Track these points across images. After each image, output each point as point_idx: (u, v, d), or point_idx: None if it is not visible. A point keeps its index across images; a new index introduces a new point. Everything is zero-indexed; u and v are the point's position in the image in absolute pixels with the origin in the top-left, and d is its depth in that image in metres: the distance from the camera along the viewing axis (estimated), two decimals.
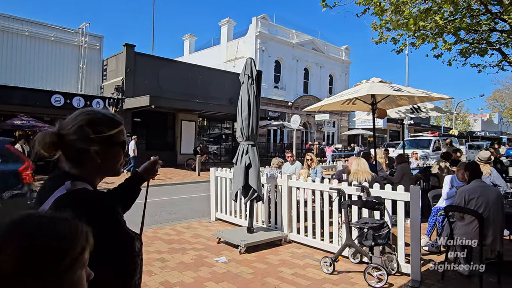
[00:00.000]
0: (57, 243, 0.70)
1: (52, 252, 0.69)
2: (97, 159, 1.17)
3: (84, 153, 1.15)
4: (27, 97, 14.71)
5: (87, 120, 1.17)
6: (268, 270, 4.29)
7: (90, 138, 1.15)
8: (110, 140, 1.20)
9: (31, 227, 0.71)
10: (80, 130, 1.15)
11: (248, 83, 5.31)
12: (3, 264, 0.66)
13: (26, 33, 17.07)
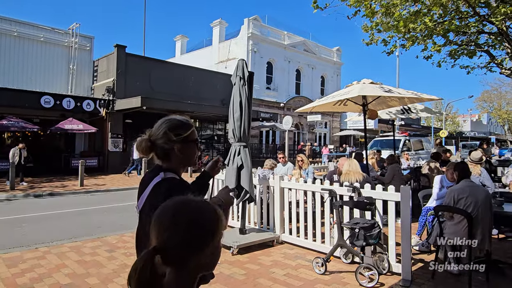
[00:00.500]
0: (210, 222, 0.96)
1: (209, 227, 0.96)
2: (179, 154, 1.59)
3: (170, 151, 1.59)
4: (16, 98, 14.51)
5: (168, 126, 1.59)
6: (260, 271, 4.29)
7: (173, 140, 1.57)
8: (186, 139, 1.61)
9: (193, 207, 0.97)
10: (165, 135, 1.57)
11: (240, 84, 5.31)
12: (173, 236, 0.91)
13: (14, 34, 16.84)
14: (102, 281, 3.97)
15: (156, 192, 1.50)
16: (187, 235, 0.92)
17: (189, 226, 0.93)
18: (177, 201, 0.99)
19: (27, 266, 4.41)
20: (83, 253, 4.95)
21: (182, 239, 0.91)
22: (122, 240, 5.65)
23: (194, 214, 0.95)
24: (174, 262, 0.92)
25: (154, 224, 0.96)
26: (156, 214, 0.97)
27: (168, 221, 0.94)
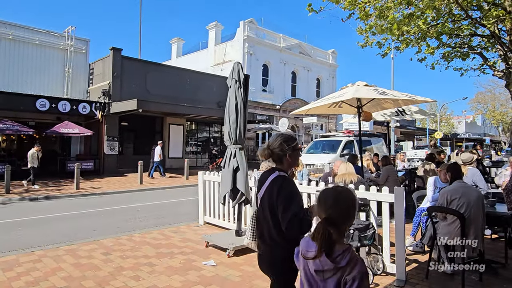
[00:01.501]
0: (354, 200, 1.68)
1: (354, 204, 1.67)
2: (289, 159, 2.36)
3: (283, 157, 2.35)
4: (11, 101, 14.45)
5: (282, 139, 2.36)
6: (256, 273, 4.31)
7: (285, 149, 2.33)
8: (293, 148, 2.36)
9: (345, 192, 1.71)
10: (280, 145, 2.34)
11: (236, 87, 5.35)
12: (336, 211, 1.60)
13: (10, 37, 16.80)
14: (98, 283, 3.97)
15: (273, 184, 2.26)
16: (344, 210, 1.62)
17: (345, 204, 1.64)
18: (335, 189, 1.73)
19: (23, 270, 4.41)
20: (79, 256, 4.95)
21: (341, 212, 1.61)
22: (118, 243, 5.66)
23: (346, 196, 1.67)
24: (336, 225, 1.58)
25: (320, 204, 1.66)
26: (320, 197, 1.69)
27: (331, 201, 1.63)
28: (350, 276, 1.54)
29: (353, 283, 1.53)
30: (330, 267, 1.58)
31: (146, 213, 8.49)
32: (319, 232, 1.56)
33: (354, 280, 1.53)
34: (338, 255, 1.56)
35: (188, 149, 22.10)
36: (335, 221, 1.58)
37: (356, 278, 1.53)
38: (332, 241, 1.56)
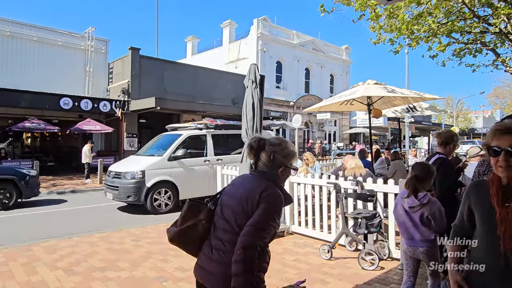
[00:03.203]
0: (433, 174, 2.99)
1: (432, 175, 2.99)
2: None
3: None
4: (37, 100, 15.20)
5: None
6: (272, 257, 4.67)
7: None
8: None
9: (431, 167, 3.05)
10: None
11: (252, 87, 5.76)
12: (420, 173, 2.91)
13: (34, 39, 17.58)
14: (131, 264, 4.47)
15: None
16: (424, 173, 2.90)
17: (426, 170, 2.91)
18: (423, 162, 3.13)
19: (64, 253, 4.95)
20: (112, 242, 5.47)
21: (423, 173, 2.89)
22: (145, 231, 6.17)
23: (428, 167, 2.97)
24: (419, 180, 2.85)
25: (413, 168, 2.98)
26: (413, 165, 3.05)
27: (419, 167, 2.96)
28: (431, 210, 2.79)
29: (434, 215, 2.78)
30: (416, 204, 2.81)
31: None
32: (408, 183, 2.90)
33: (434, 213, 2.78)
34: (422, 197, 2.81)
35: None
36: (419, 178, 2.86)
37: (436, 212, 2.79)
38: (416, 188, 2.84)
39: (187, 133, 9.29)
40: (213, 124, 9.51)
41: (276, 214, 1.81)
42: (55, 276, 4.11)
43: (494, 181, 1.65)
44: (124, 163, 9.35)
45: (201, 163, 9.10)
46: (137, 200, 8.06)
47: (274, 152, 1.91)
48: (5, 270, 4.29)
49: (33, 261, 4.61)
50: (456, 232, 1.86)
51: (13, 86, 15.39)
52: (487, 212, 1.62)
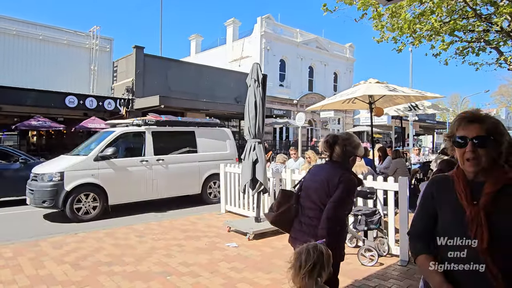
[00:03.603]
0: None
1: None
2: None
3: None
4: (42, 98, 15.37)
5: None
6: (274, 253, 4.84)
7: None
8: None
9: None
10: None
11: (255, 86, 5.84)
12: None
13: (40, 37, 17.75)
14: (136, 259, 4.59)
15: None
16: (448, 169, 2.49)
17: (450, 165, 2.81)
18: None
19: (71, 248, 5.07)
20: (117, 238, 5.59)
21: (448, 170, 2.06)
22: (149, 227, 6.28)
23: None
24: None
25: None
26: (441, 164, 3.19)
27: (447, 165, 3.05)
28: None
29: None
30: None
31: (171, 203, 9.14)
32: None
33: None
34: None
35: None
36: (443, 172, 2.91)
37: None
38: None
39: (120, 130, 8.14)
40: (153, 120, 8.40)
41: (352, 193, 2.40)
42: (62, 270, 4.23)
43: (460, 176, 1.50)
44: (48, 163, 8.13)
45: (137, 164, 7.93)
46: (53, 205, 7.03)
47: (345, 145, 2.39)
48: (14, 264, 4.42)
49: (41, 256, 4.74)
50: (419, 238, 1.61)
51: (19, 84, 15.58)
52: (455, 211, 1.46)
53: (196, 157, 8.90)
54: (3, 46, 16.93)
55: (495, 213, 1.38)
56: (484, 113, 1.49)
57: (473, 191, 1.45)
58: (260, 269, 4.26)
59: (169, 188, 8.37)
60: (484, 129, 1.43)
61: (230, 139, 9.71)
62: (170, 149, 8.70)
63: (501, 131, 1.44)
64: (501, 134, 1.44)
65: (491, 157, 1.43)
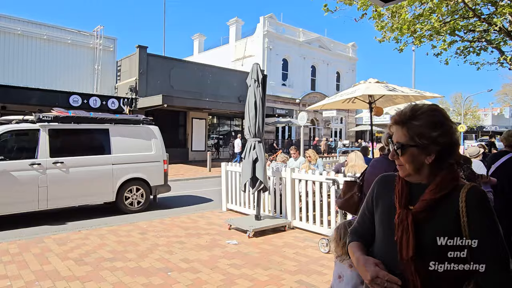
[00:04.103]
0: None
1: None
2: None
3: None
4: (47, 97, 15.55)
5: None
6: (273, 250, 4.93)
7: None
8: None
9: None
10: None
11: (255, 86, 5.93)
12: None
13: (44, 37, 17.95)
14: (139, 256, 4.69)
15: None
16: None
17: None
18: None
19: (75, 245, 5.19)
20: (120, 235, 5.71)
21: None
22: (152, 225, 6.39)
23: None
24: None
25: None
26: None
27: None
28: None
29: None
30: None
31: (173, 201, 9.26)
32: None
33: None
34: None
35: (210, 142, 22.91)
36: None
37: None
38: None
39: (5, 127, 6.74)
40: (49, 116, 6.98)
41: None
42: (67, 265, 4.34)
43: (401, 177, 1.40)
44: None
45: (25, 168, 6.59)
46: None
47: None
48: (20, 259, 4.54)
49: (45, 252, 4.86)
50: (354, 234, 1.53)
51: (24, 83, 15.78)
52: (388, 212, 1.38)
53: (109, 159, 7.49)
54: (8, 45, 17.13)
55: (429, 221, 1.27)
56: (410, 113, 1.32)
57: (414, 194, 1.34)
58: (259, 265, 4.36)
59: (68, 196, 7.01)
60: (405, 134, 1.31)
61: (157, 138, 8.31)
62: (75, 150, 7.31)
63: (427, 135, 1.28)
64: (428, 137, 1.28)
65: (418, 162, 1.31)
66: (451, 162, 1.32)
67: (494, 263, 1.18)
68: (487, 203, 1.23)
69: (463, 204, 1.22)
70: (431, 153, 1.29)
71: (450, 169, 1.31)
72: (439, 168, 1.31)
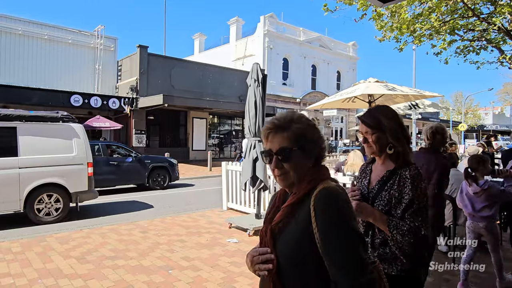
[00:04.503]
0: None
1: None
2: None
3: None
4: (48, 97, 15.63)
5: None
6: None
7: None
8: None
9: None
10: None
11: (255, 86, 5.97)
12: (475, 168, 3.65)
13: (45, 37, 18.01)
14: (140, 254, 4.74)
15: None
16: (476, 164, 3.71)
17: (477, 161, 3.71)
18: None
19: (76, 243, 5.24)
20: (121, 234, 5.75)
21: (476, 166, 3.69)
22: (153, 224, 6.44)
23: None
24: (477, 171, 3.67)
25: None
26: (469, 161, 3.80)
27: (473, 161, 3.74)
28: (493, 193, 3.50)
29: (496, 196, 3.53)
30: (479, 190, 3.50)
31: (174, 200, 9.31)
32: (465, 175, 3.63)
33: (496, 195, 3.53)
34: (482, 184, 3.51)
35: (210, 142, 22.96)
36: (472, 169, 3.61)
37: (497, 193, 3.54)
38: (473, 177, 3.57)
39: None
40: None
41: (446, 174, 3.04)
42: (69, 264, 4.39)
43: (281, 191, 1.35)
44: None
45: None
46: None
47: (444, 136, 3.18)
48: (23, 258, 4.59)
49: (48, 251, 4.91)
50: None
51: (25, 83, 15.84)
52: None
53: (15, 162, 6.47)
54: (9, 45, 17.20)
55: (283, 234, 1.20)
56: (288, 119, 1.25)
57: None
58: None
59: None
60: (287, 139, 1.22)
61: (80, 138, 7.22)
62: None
63: (310, 137, 1.24)
64: (311, 140, 1.24)
65: (301, 167, 1.22)
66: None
67: (341, 270, 1.09)
68: (335, 205, 1.12)
69: (312, 208, 1.13)
70: (312, 157, 1.26)
71: (320, 170, 1.26)
72: (309, 174, 1.24)
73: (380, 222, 1.64)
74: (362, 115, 1.87)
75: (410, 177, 1.65)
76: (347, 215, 1.12)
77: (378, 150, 1.78)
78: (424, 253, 1.75)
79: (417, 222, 1.58)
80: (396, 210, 1.65)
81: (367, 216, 1.69)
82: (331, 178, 1.24)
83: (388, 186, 1.71)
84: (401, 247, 1.59)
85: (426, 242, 1.64)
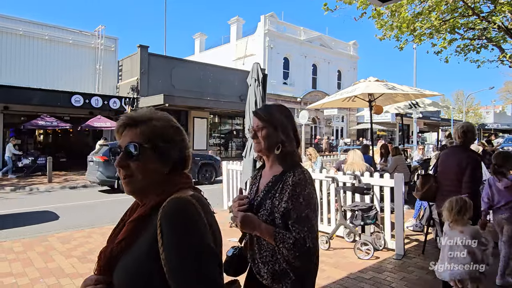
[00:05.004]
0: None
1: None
2: None
3: None
4: (49, 98, 15.62)
5: None
6: None
7: None
8: None
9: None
10: None
11: (255, 85, 5.99)
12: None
13: (46, 37, 18.02)
14: None
15: None
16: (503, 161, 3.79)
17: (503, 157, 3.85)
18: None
19: (78, 243, 5.26)
20: None
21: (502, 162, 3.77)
22: None
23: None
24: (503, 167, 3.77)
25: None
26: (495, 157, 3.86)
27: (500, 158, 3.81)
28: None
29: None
30: (510, 184, 3.59)
31: None
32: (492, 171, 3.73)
33: None
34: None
35: (211, 141, 22.98)
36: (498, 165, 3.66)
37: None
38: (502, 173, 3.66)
39: None
40: None
41: (478, 169, 3.34)
42: (70, 263, 4.42)
43: (136, 202, 1.23)
44: None
45: None
46: None
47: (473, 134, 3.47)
48: (25, 257, 4.62)
49: (49, 250, 4.93)
50: None
51: (26, 83, 15.86)
52: None
53: None
54: (10, 46, 17.22)
55: (125, 256, 1.03)
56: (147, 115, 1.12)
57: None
58: None
59: None
60: (140, 134, 1.08)
61: None
62: None
63: (168, 138, 1.11)
64: (168, 141, 1.10)
65: (152, 171, 1.08)
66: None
67: None
68: (181, 219, 0.97)
69: (158, 223, 0.97)
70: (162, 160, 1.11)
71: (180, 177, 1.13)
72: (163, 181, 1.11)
73: (267, 235, 1.49)
74: (258, 108, 1.79)
75: (292, 184, 1.51)
76: (196, 230, 0.96)
77: (266, 148, 1.64)
78: (311, 267, 1.58)
79: (302, 234, 1.44)
80: (279, 219, 1.52)
81: (253, 229, 1.52)
82: (193, 187, 1.11)
83: (271, 194, 1.57)
84: (287, 260, 1.48)
85: (312, 255, 1.49)
